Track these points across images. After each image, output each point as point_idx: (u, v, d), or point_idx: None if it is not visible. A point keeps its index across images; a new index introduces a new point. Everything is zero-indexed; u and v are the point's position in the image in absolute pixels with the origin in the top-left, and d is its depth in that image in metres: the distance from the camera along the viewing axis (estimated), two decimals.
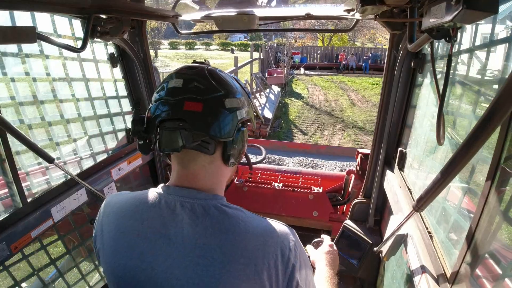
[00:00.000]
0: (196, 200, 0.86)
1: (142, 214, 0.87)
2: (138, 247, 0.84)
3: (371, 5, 1.17)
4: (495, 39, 1.09)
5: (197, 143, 0.85)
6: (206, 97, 0.84)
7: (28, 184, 1.59)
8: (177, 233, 0.82)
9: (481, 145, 0.85)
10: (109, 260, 0.89)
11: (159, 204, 0.87)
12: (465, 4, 0.77)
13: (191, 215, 0.83)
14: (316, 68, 26.90)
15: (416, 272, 1.30)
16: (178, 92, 0.85)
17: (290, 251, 0.84)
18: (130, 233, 0.86)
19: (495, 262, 0.93)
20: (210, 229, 0.81)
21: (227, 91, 0.88)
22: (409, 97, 1.91)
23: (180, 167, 0.91)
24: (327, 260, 1.33)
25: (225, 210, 0.86)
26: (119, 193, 0.98)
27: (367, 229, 2.21)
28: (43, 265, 1.62)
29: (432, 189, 1.04)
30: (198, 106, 0.83)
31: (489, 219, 0.93)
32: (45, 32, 1.62)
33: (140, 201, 0.90)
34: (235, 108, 0.88)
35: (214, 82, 0.87)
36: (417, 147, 1.76)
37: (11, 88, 1.52)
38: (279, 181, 3.08)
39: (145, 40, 2.16)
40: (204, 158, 0.89)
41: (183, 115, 0.83)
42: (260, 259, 0.80)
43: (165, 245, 0.82)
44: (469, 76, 1.27)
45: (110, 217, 0.92)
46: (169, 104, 0.85)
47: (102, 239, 0.91)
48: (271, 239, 0.83)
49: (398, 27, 1.71)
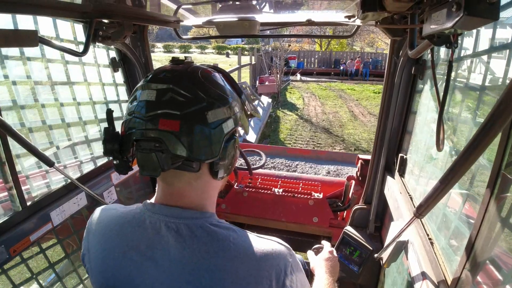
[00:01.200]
0: (181, 219, 0.79)
1: (127, 234, 0.81)
2: (125, 269, 0.79)
3: (372, 11, 1.17)
4: (496, 45, 1.10)
5: (177, 164, 0.76)
6: (185, 112, 0.73)
7: (28, 188, 1.59)
8: (164, 256, 0.76)
9: (482, 152, 0.85)
10: (97, 280, 0.84)
11: (144, 224, 0.80)
12: (466, 10, 0.77)
13: (177, 237, 0.76)
14: (313, 73, 25.81)
15: (416, 279, 1.29)
16: (151, 106, 0.74)
17: (285, 275, 0.77)
18: (116, 253, 0.80)
19: (496, 269, 0.92)
20: (197, 253, 0.75)
21: (211, 100, 0.77)
22: (409, 103, 1.91)
23: (165, 184, 0.84)
24: (327, 267, 1.32)
25: (214, 230, 0.78)
26: (106, 208, 0.93)
27: (368, 235, 2.20)
28: (41, 269, 1.61)
29: (433, 195, 1.03)
30: (175, 125, 0.72)
31: (490, 225, 0.92)
32: (47, 35, 1.63)
33: (124, 220, 0.84)
34: (221, 121, 0.77)
35: (195, 89, 0.76)
36: (417, 153, 1.76)
37: (12, 91, 1.52)
38: (279, 187, 3.08)
39: (147, 45, 2.16)
40: (189, 175, 0.81)
41: (158, 134, 0.73)
42: (252, 285, 0.73)
43: (152, 268, 0.76)
44: (470, 82, 1.28)
45: (96, 236, 0.87)
46: (142, 121, 0.74)
47: (90, 259, 0.87)
48: (265, 263, 0.76)
49: (399, 33, 1.71)
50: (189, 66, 0.82)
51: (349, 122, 12.68)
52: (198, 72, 0.81)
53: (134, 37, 2.10)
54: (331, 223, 2.77)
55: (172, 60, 0.86)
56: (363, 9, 1.18)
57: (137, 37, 2.11)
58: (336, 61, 26.71)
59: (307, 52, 29.19)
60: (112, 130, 0.80)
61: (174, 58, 0.87)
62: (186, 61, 0.85)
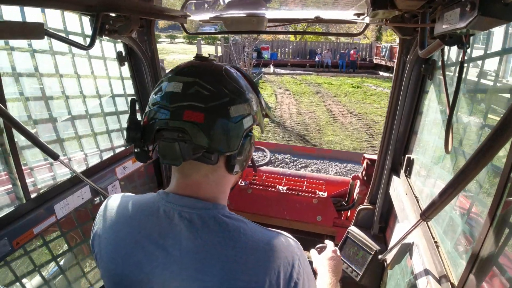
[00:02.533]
0: (195, 210, 0.81)
1: (139, 222, 0.83)
2: (135, 256, 0.81)
3: (382, 9, 1.15)
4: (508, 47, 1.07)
5: (198, 155, 0.79)
6: (209, 105, 0.76)
7: (32, 180, 1.59)
8: (175, 245, 0.78)
9: (493, 156, 0.83)
10: (106, 266, 0.86)
11: (157, 213, 0.82)
12: (480, 10, 0.75)
13: (190, 226, 0.79)
14: (287, 65, 24.33)
15: (421, 282, 1.27)
16: (177, 98, 0.77)
17: (293, 268, 0.79)
18: (128, 241, 0.82)
19: (503, 274, 0.90)
20: (209, 243, 0.77)
21: (233, 95, 0.80)
22: (418, 104, 1.89)
23: (181, 175, 0.86)
24: (329, 266, 1.31)
25: (226, 221, 0.80)
26: (119, 195, 0.94)
27: (372, 236, 2.18)
28: (44, 262, 1.62)
29: (441, 198, 1.02)
30: (199, 117, 0.75)
31: (498, 230, 0.90)
32: (54, 28, 1.63)
33: (138, 208, 0.86)
34: (242, 116, 0.81)
35: (219, 85, 0.79)
36: (425, 154, 1.74)
37: (19, 83, 1.52)
38: (284, 185, 3.07)
39: (153, 39, 2.16)
40: (206, 168, 0.83)
41: (182, 125, 0.75)
42: (261, 275, 0.75)
43: (163, 256, 0.78)
44: (480, 84, 1.25)
45: (108, 222, 0.89)
46: (167, 112, 0.77)
47: (100, 244, 0.88)
48: (274, 254, 0.78)
49: (409, 33, 1.69)
50: (213, 63, 0.85)
51: (328, 125, 10.91)
52: (221, 69, 0.84)
53: (141, 31, 2.10)
54: (335, 222, 2.76)
55: (196, 57, 0.89)
56: (373, 7, 1.16)
57: (144, 31, 2.10)
58: (312, 52, 25.39)
59: (281, 42, 26.96)
60: (136, 119, 0.83)
61: (198, 54, 0.90)
62: (210, 58, 0.88)
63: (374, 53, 24.25)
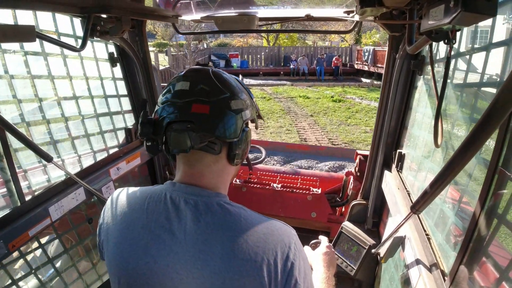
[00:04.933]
0: (199, 197, 0.88)
1: (147, 208, 0.90)
2: (142, 240, 0.87)
3: (370, 7, 1.17)
4: (494, 41, 1.10)
5: (204, 144, 0.87)
6: (213, 99, 0.87)
7: (27, 183, 1.59)
8: (180, 228, 0.85)
9: (479, 148, 0.85)
10: (112, 251, 0.91)
11: (165, 200, 0.89)
12: (464, 6, 0.78)
13: (194, 211, 0.86)
14: (259, 74, 21.14)
15: (413, 274, 1.30)
16: (185, 94, 0.88)
17: (289, 250, 0.86)
18: (135, 225, 0.89)
19: (493, 264, 0.93)
20: (211, 225, 0.84)
21: (232, 92, 0.91)
22: (408, 99, 1.91)
23: (187, 166, 0.94)
24: (324, 261, 1.33)
25: (227, 207, 0.88)
26: (126, 188, 1.01)
27: (366, 231, 2.21)
28: (40, 264, 1.62)
29: (429, 191, 1.04)
30: (205, 108, 0.86)
31: (487, 221, 0.93)
32: (46, 30, 1.63)
33: (146, 196, 0.93)
34: (240, 109, 0.91)
35: (220, 84, 0.90)
36: (415, 149, 1.77)
37: (11, 85, 1.52)
38: (278, 182, 3.09)
39: (145, 40, 2.16)
40: (210, 158, 0.92)
41: (191, 117, 0.85)
42: (259, 255, 0.81)
43: (169, 239, 0.85)
44: (468, 78, 1.28)
45: (117, 210, 0.95)
46: (176, 106, 0.87)
47: (107, 231, 0.94)
48: (271, 237, 0.85)
49: (398, 29, 1.71)
50: (212, 69, 0.96)
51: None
52: (220, 72, 0.95)
53: (133, 32, 2.10)
54: (329, 218, 2.78)
55: (198, 64, 1.00)
56: (361, 5, 1.18)
57: (135, 32, 2.10)
58: (286, 58, 22.70)
59: (252, 49, 24.94)
60: (148, 115, 0.93)
61: (198, 62, 1.05)
62: (209, 65, 1.00)
63: (355, 58, 21.70)
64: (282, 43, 29.08)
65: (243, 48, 24.66)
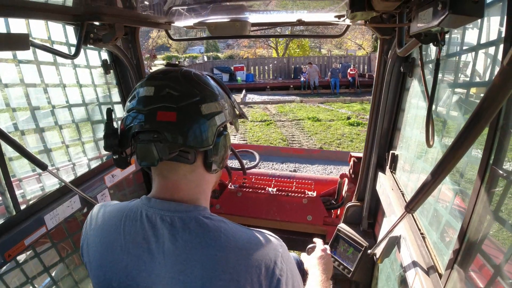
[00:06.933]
0: (176, 213, 0.82)
1: (124, 228, 0.84)
2: (122, 262, 0.82)
3: (360, 11, 1.19)
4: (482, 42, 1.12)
5: (174, 154, 0.81)
6: (181, 105, 0.79)
7: (22, 192, 1.58)
8: (159, 248, 0.79)
9: (470, 146, 0.87)
10: (96, 274, 0.87)
11: (141, 218, 0.84)
12: (451, 9, 0.79)
13: (171, 229, 0.80)
14: (266, 88, 18.48)
15: (410, 273, 1.31)
16: (149, 101, 0.80)
17: (275, 265, 0.80)
18: (114, 247, 0.84)
19: (487, 261, 0.94)
20: (190, 244, 0.78)
21: (203, 95, 0.83)
22: (399, 101, 1.94)
23: (161, 178, 0.88)
24: (319, 265, 1.33)
25: (206, 222, 0.82)
26: (104, 204, 0.97)
27: (361, 232, 2.22)
28: (37, 273, 1.60)
29: (422, 190, 1.05)
30: (172, 116, 0.78)
31: (480, 219, 0.94)
32: (39, 38, 1.63)
33: (122, 214, 0.87)
34: (213, 114, 0.84)
35: (189, 86, 0.83)
36: (408, 149, 1.79)
37: (5, 94, 1.51)
38: (273, 186, 3.09)
39: (138, 47, 2.16)
40: (184, 168, 0.85)
41: (156, 126, 0.78)
42: (242, 274, 0.76)
43: (148, 260, 0.80)
44: (458, 79, 1.30)
45: (95, 230, 0.90)
46: (141, 115, 0.80)
47: (88, 253, 0.90)
48: (255, 252, 0.79)
49: (388, 32, 1.74)
50: (182, 69, 0.89)
51: None
52: (191, 73, 0.87)
53: (126, 39, 2.10)
54: (325, 221, 2.79)
55: (168, 64, 0.93)
56: (351, 9, 1.20)
57: (128, 39, 2.11)
58: (296, 70, 20.22)
59: (258, 60, 22.62)
60: (113, 126, 0.87)
61: (168, 62, 0.95)
62: (180, 64, 0.92)
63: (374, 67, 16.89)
64: (293, 53, 26.42)
65: (248, 60, 22.56)
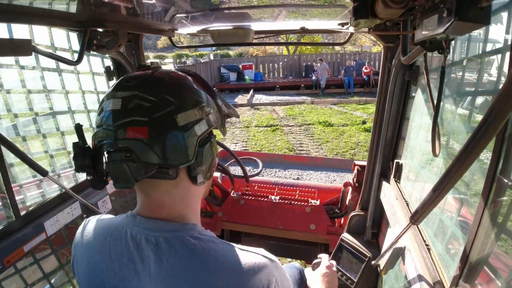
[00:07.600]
0: (161, 233, 0.76)
1: (109, 247, 0.79)
2: (110, 283, 0.78)
3: (364, 18, 1.18)
4: (489, 50, 1.10)
5: (151, 173, 0.73)
6: (153, 117, 0.70)
7: (22, 198, 1.57)
8: (145, 270, 0.74)
9: (477, 157, 0.85)
10: None
11: (125, 237, 0.78)
12: (457, 16, 0.78)
13: (156, 251, 0.74)
14: (275, 88, 17.54)
15: (414, 285, 1.28)
16: (117, 115, 0.71)
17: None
18: (101, 267, 0.79)
19: (494, 274, 0.91)
20: (176, 267, 0.72)
21: (179, 102, 0.73)
22: (404, 109, 1.92)
23: (143, 195, 0.81)
24: (323, 282, 1.30)
25: (193, 244, 0.75)
26: (93, 219, 0.91)
27: (365, 242, 2.19)
28: (36, 280, 1.59)
29: (428, 201, 1.03)
30: (143, 132, 0.69)
31: (487, 230, 0.92)
32: (42, 44, 1.63)
33: (108, 233, 0.82)
34: (192, 123, 0.74)
35: (162, 93, 0.73)
36: (413, 158, 1.77)
37: (6, 100, 1.51)
38: (276, 194, 3.07)
39: (142, 53, 2.17)
40: (167, 184, 0.78)
41: (127, 144, 0.69)
42: None
43: (135, 281, 0.75)
44: (463, 87, 1.28)
45: (83, 248, 0.85)
46: (110, 132, 0.71)
47: (78, 271, 0.86)
48: (247, 278, 0.73)
49: (392, 40, 1.73)
50: (156, 71, 0.79)
51: None
52: (165, 76, 0.78)
53: (129, 46, 2.11)
54: (328, 230, 2.75)
55: (139, 66, 0.84)
56: (355, 17, 1.19)
57: (131, 46, 2.12)
58: (308, 68, 19.18)
59: (267, 58, 21.26)
60: (83, 144, 0.76)
61: (140, 64, 0.85)
62: (153, 66, 0.82)
63: None
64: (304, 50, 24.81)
65: (257, 58, 21.48)
